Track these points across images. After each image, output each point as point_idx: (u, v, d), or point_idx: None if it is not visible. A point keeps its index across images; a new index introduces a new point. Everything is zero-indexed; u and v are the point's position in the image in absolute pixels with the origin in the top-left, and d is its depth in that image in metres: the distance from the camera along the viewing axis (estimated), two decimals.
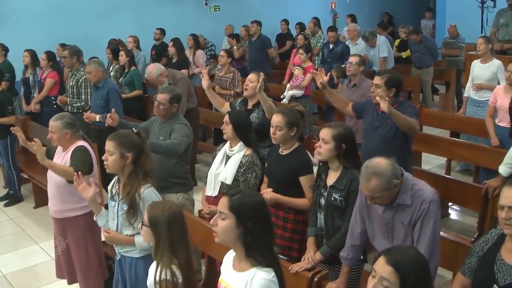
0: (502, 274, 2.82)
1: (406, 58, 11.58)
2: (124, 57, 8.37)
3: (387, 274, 2.29)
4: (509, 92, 6.14)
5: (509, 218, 2.73)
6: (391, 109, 4.38)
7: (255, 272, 2.53)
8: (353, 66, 6.61)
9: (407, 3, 17.72)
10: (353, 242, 3.58)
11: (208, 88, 5.57)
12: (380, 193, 3.16)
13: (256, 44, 10.98)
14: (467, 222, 6.21)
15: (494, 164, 5.12)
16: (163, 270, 2.92)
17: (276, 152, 4.36)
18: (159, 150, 4.58)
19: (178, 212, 3.08)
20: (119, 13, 11.52)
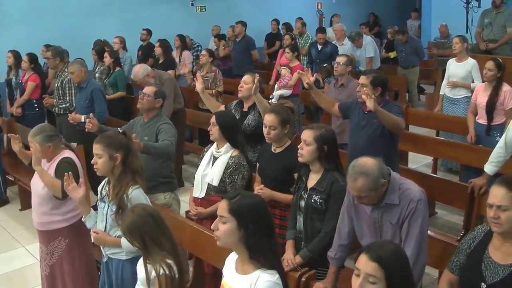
0: (490, 272, 2.83)
1: (394, 58, 11.63)
2: (109, 58, 8.32)
3: (372, 270, 2.31)
4: (488, 89, 6.26)
5: (497, 217, 2.76)
6: (377, 107, 4.40)
7: (259, 274, 2.53)
8: (341, 66, 6.62)
9: (393, 4, 17.79)
10: (340, 242, 3.58)
11: (202, 91, 5.55)
12: (367, 192, 3.16)
13: (240, 45, 10.99)
14: (454, 221, 6.25)
15: (479, 162, 5.16)
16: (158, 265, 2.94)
17: (269, 150, 4.36)
18: (153, 152, 4.58)
19: (144, 212, 3.09)
20: (105, 13, 11.47)
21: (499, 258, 2.83)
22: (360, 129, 4.87)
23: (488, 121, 6.24)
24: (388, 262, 2.31)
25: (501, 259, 2.82)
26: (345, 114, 5.13)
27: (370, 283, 2.31)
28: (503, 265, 2.80)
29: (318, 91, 5.32)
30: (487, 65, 6.20)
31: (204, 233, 4.15)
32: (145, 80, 6.75)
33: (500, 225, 2.76)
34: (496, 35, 9.69)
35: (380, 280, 2.30)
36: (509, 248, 2.81)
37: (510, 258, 2.79)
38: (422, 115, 8.02)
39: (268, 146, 4.39)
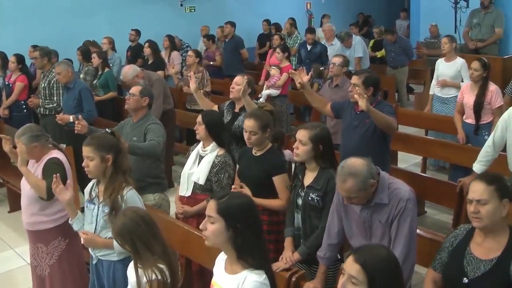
0: (472, 267, 2.88)
1: (381, 57, 11.68)
2: (97, 59, 8.28)
3: (355, 272, 2.32)
4: (474, 89, 6.29)
5: (477, 212, 2.82)
6: (369, 106, 4.41)
7: (247, 274, 2.53)
8: (336, 67, 6.63)
9: (382, 4, 17.86)
10: (330, 241, 3.59)
11: (195, 91, 5.57)
12: (356, 193, 3.17)
13: (229, 45, 10.98)
14: (443, 220, 6.27)
15: (468, 161, 5.18)
16: (150, 270, 2.92)
17: (249, 153, 4.35)
18: (139, 153, 4.57)
19: (135, 215, 3.06)
20: (94, 14, 11.42)
21: (480, 254, 2.88)
22: (352, 129, 4.87)
23: (476, 120, 6.27)
24: (372, 267, 2.31)
25: (482, 255, 2.87)
26: (337, 114, 5.14)
27: (352, 284, 2.33)
28: (484, 260, 2.86)
29: (310, 91, 5.32)
30: (473, 66, 6.23)
31: (193, 233, 4.14)
32: (135, 80, 6.73)
33: (481, 219, 2.82)
34: (485, 35, 9.76)
35: (362, 283, 2.31)
36: (490, 244, 2.87)
37: (491, 254, 2.85)
38: (412, 115, 8.06)
39: (248, 149, 4.38)
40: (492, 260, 2.83)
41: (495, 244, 2.86)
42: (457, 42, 8.51)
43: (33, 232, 4.35)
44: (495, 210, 2.81)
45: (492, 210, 2.80)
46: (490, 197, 2.81)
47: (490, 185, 2.83)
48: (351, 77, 5.56)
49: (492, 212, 2.80)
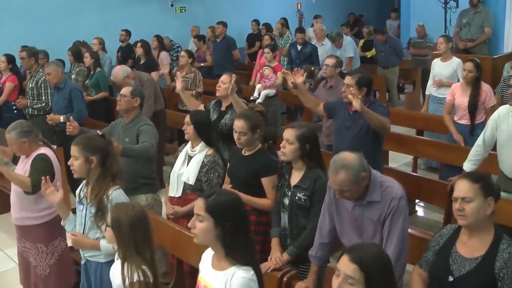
0: (457, 265, 2.91)
1: (370, 57, 11.71)
2: (89, 58, 8.26)
3: (351, 272, 2.32)
4: (467, 90, 6.28)
5: (462, 209, 2.84)
6: (363, 107, 4.42)
7: (235, 271, 2.57)
8: (330, 68, 6.62)
9: (372, 4, 17.89)
10: (321, 240, 3.60)
11: (182, 90, 5.59)
12: (349, 186, 3.18)
13: (221, 46, 10.95)
14: (434, 219, 6.30)
15: (459, 161, 5.20)
16: (134, 271, 2.91)
17: (239, 153, 4.36)
18: (133, 155, 4.57)
19: (142, 212, 3.07)
20: (84, 14, 11.36)
21: (466, 253, 2.91)
22: (345, 129, 4.88)
23: (471, 121, 6.26)
24: (368, 265, 2.32)
25: (467, 253, 2.90)
26: (330, 114, 5.15)
27: (349, 284, 2.33)
28: (469, 258, 2.88)
29: (303, 91, 5.33)
30: (467, 67, 6.22)
31: (184, 234, 4.14)
32: (125, 81, 6.71)
33: (465, 217, 2.85)
34: (474, 34, 9.80)
35: (359, 283, 2.32)
36: (475, 242, 2.89)
37: (476, 252, 2.87)
38: (402, 115, 8.08)
39: (238, 149, 4.40)
40: (477, 259, 2.86)
41: (480, 243, 2.88)
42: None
43: (20, 228, 4.41)
44: (479, 208, 2.84)
45: (477, 208, 2.83)
46: (475, 195, 2.84)
47: (475, 183, 2.86)
48: (342, 77, 5.57)
49: (476, 210, 2.83)
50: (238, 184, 4.26)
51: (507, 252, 2.79)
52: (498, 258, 2.79)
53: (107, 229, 3.05)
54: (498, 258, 2.79)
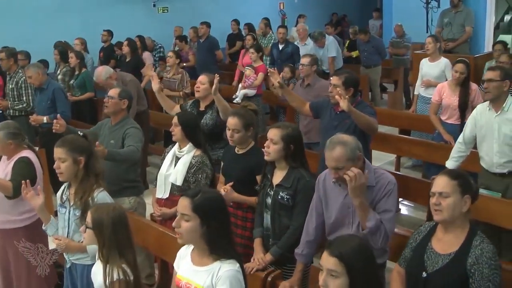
0: (431, 262, 2.95)
1: (356, 57, 11.76)
2: (75, 59, 8.18)
3: (332, 265, 2.37)
4: (456, 90, 6.30)
5: (438, 204, 2.90)
6: (350, 107, 4.44)
7: (220, 265, 2.59)
8: (305, 67, 6.62)
9: (355, 4, 17.97)
10: (308, 238, 3.61)
11: (158, 91, 5.54)
12: (344, 162, 3.23)
13: (204, 46, 10.93)
14: (417, 217, 6.34)
15: (442, 159, 5.25)
16: (115, 270, 2.89)
17: (232, 151, 4.36)
18: (118, 159, 4.55)
19: (122, 212, 3.05)
20: (65, 15, 11.26)
21: (440, 249, 2.96)
22: (332, 129, 4.86)
23: (461, 120, 6.26)
24: (348, 256, 2.37)
25: (441, 249, 2.95)
26: (317, 114, 5.15)
27: (333, 277, 2.37)
28: (443, 254, 2.93)
29: (289, 91, 5.34)
30: (459, 69, 6.24)
31: (169, 235, 4.12)
32: (108, 82, 6.68)
33: (441, 212, 2.90)
34: (456, 34, 9.88)
35: (342, 274, 2.36)
36: (450, 239, 2.94)
37: (450, 248, 2.92)
38: (385, 114, 8.10)
39: (232, 147, 4.40)
40: (450, 255, 2.90)
41: (455, 239, 2.93)
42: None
43: (2, 231, 4.35)
44: (455, 204, 2.88)
45: (453, 204, 2.88)
46: (452, 191, 2.89)
47: (453, 180, 2.91)
48: (325, 77, 5.59)
49: (452, 206, 2.88)
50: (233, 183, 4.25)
51: (479, 249, 2.83)
52: (471, 255, 2.84)
53: (87, 230, 3.02)
54: (470, 254, 2.84)
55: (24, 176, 3.98)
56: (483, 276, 2.77)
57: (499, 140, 4.74)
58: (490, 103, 4.78)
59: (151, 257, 4.92)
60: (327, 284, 2.39)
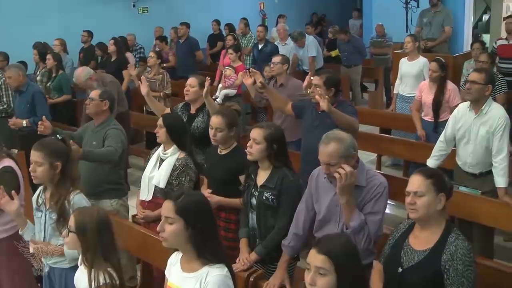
0: (407, 258, 2.99)
1: (335, 57, 11.81)
2: (52, 60, 8.12)
3: (321, 262, 2.37)
4: (433, 88, 6.38)
5: (413, 203, 2.92)
6: (330, 107, 4.44)
7: (208, 270, 2.56)
8: (277, 66, 6.58)
9: (335, 3, 18.03)
10: (296, 231, 3.61)
11: (147, 94, 5.46)
12: (337, 159, 3.23)
13: (184, 47, 10.90)
14: (399, 215, 6.36)
15: (422, 158, 5.29)
16: (101, 275, 2.86)
17: (215, 152, 4.35)
18: (93, 159, 4.52)
19: (106, 215, 3.03)
20: (45, 15, 11.17)
21: (416, 245, 2.99)
22: (313, 129, 4.88)
23: (435, 118, 6.39)
24: (336, 253, 2.38)
25: (418, 246, 2.98)
26: (299, 114, 5.15)
27: (321, 275, 2.38)
28: (419, 251, 2.96)
29: (271, 91, 5.34)
30: (431, 67, 6.33)
31: (151, 237, 4.10)
32: (88, 83, 6.64)
33: (416, 210, 2.93)
34: (435, 34, 9.97)
35: (330, 272, 2.37)
36: (426, 236, 2.98)
37: (425, 245, 2.95)
38: (366, 113, 8.14)
39: (214, 148, 4.39)
40: (425, 251, 2.93)
41: (431, 236, 2.96)
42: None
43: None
44: (430, 203, 2.91)
45: (428, 203, 2.91)
46: (427, 190, 2.91)
47: (428, 179, 2.93)
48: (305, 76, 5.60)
49: (427, 204, 2.91)
50: (215, 183, 4.26)
51: (454, 245, 2.86)
52: (445, 251, 2.87)
53: (70, 234, 2.98)
54: (445, 251, 2.87)
55: (8, 186, 3.83)
56: (458, 272, 2.80)
57: (475, 141, 4.81)
58: (470, 104, 4.83)
59: (133, 259, 4.89)
60: (315, 282, 2.39)
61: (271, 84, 6.95)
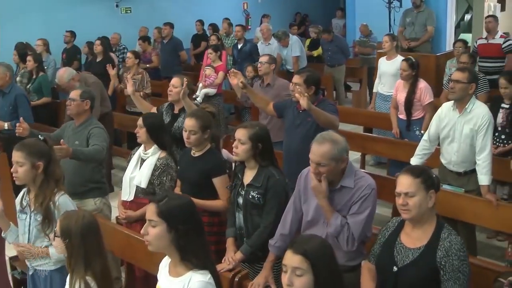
0: (401, 256, 3.00)
1: (317, 56, 11.83)
2: (32, 62, 8.03)
3: (297, 263, 2.37)
4: (406, 87, 6.49)
5: (406, 204, 2.93)
6: (310, 105, 4.45)
7: (191, 275, 2.54)
8: (264, 65, 6.60)
9: (318, 3, 18.07)
10: (283, 231, 3.61)
11: (133, 93, 5.52)
12: (328, 160, 3.22)
13: (168, 47, 10.87)
14: (383, 214, 6.38)
15: (405, 156, 5.32)
16: (77, 281, 2.83)
17: (188, 154, 4.34)
18: (82, 158, 4.49)
19: (92, 221, 2.99)
20: (27, 15, 11.06)
21: (409, 243, 3.01)
22: (295, 128, 4.90)
23: (407, 116, 6.47)
24: (312, 253, 2.37)
25: (411, 244, 3.00)
26: (280, 113, 5.15)
27: (297, 276, 2.37)
28: (412, 248, 2.98)
29: (252, 91, 5.34)
30: (402, 66, 6.48)
31: (134, 237, 4.09)
32: (70, 84, 6.59)
33: (409, 211, 2.94)
34: (418, 33, 10.04)
35: (307, 272, 2.36)
36: (418, 233, 2.99)
37: (418, 242, 2.97)
38: (350, 112, 8.19)
39: (188, 150, 4.38)
40: (419, 248, 2.95)
41: (423, 233, 2.98)
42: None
43: None
44: (422, 202, 2.93)
45: (419, 202, 2.92)
46: (417, 189, 2.92)
47: (416, 178, 2.95)
48: (289, 76, 5.61)
49: (419, 204, 2.92)
50: (188, 185, 4.24)
51: (447, 241, 2.89)
52: (440, 247, 2.89)
53: (56, 239, 2.96)
54: (439, 247, 2.89)
55: None
56: (454, 268, 2.82)
57: (459, 140, 4.85)
58: (454, 103, 4.86)
59: (118, 261, 4.87)
60: (292, 283, 2.38)
61: (257, 84, 6.97)
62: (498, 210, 4.62)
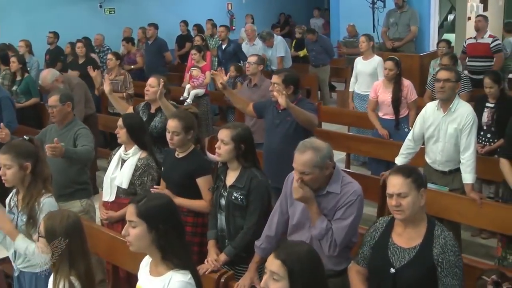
0: (397, 257, 2.99)
1: (303, 56, 11.85)
2: (16, 63, 7.93)
3: (275, 268, 2.36)
4: (389, 87, 6.50)
5: (399, 205, 2.92)
6: (288, 103, 4.49)
7: (172, 275, 2.54)
8: (252, 66, 6.61)
9: (302, 3, 18.10)
10: (269, 233, 3.60)
11: (110, 93, 5.53)
12: (311, 168, 3.20)
13: (152, 48, 10.83)
14: (368, 213, 6.35)
15: (389, 155, 5.35)
16: (61, 281, 2.82)
17: (172, 155, 4.33)
18: (75, 157, 4.48)
19: (77, 221, 2.98)
20: (9, 16, 10.97)
21: (403, 243, 3.00)
22: (274, 127, 4.93)
23: (395, 115, 6.47)
24: (292, 261, 2.36)
25: (405, 244, 2.99)
26: (260, 114, 5.18)
27: (274, 280, 2.37)
28: (407, 248, 2.97)
29: (232, 92, 5.36)
30: (387, 66, 6.44)
31: (119, 239, 4.06)
32: (54, 85, 6.55)
33: (403, 211, 2.93)
34: (402, 33, 10.11)
35: (283, 278, 2.35)
36: (411, 233, 2.99)
37: (413, 242, 2.97)
38: (334, 112, 8.22)
39: (172, 151, 4.37)
40: (415, 248, 2.95)
41: (416, 233, 2.98)
42: (376, 41, 8.75)
43: None
44: (415, 201, 2.93)
45: (412, 201, 2.92)
46: (409, 189, 2.92)
47: (407, 177, 2.94)
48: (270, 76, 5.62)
49: (412, 203, 2.92)
50: (172, 186, 4.24)
51: (442, 238, 2.90)
52: (435, 245, 2.90)
53: (40, 239, 2.94)
54: (435, 244, 2.90)
55: None
56: (451, 263, 2.84)
57: (444, 139, 4.87)
58: (439, 102, 4.88)
59: (103, 263, 4.84)
60: (267, 286, 2.39)
61: (245, 84, 6.98)
62: (482, 208, 4.66)
